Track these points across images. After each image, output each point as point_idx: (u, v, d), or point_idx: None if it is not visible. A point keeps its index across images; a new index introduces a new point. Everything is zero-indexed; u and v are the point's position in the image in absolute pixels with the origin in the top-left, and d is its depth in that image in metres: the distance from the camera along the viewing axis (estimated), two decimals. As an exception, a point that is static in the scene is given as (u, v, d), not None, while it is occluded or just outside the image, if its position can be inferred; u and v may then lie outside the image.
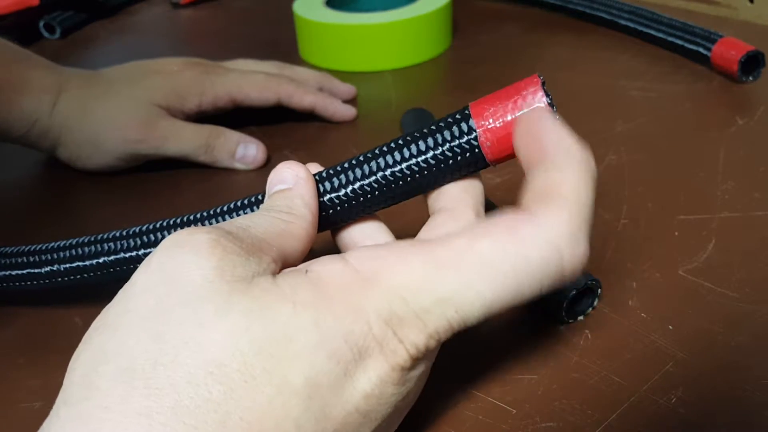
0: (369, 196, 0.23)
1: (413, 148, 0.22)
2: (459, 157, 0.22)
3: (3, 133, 0.40)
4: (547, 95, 0.21)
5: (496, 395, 0.25)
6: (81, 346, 0.18)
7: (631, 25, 0.55)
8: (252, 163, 0.42)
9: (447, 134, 0.22)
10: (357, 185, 0.23)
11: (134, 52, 0.64)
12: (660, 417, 0.24)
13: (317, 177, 0.24)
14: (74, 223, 0.39)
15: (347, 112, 0.47)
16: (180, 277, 0.18)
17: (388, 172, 0.22)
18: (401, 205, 0.24)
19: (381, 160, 0.23)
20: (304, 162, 0.24)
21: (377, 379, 0.18)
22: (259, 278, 0.19)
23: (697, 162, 0.38)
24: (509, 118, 0.21)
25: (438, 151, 0.22)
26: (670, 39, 0.51)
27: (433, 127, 0.22)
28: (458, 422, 0.24)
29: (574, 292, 0.27)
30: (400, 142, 0.22)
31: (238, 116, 0.45)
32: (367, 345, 0.18)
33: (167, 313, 0.17)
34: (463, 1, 0.65)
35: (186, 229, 0.19)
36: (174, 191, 0.41)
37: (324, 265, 0.20)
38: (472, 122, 0.21)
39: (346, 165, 0.23)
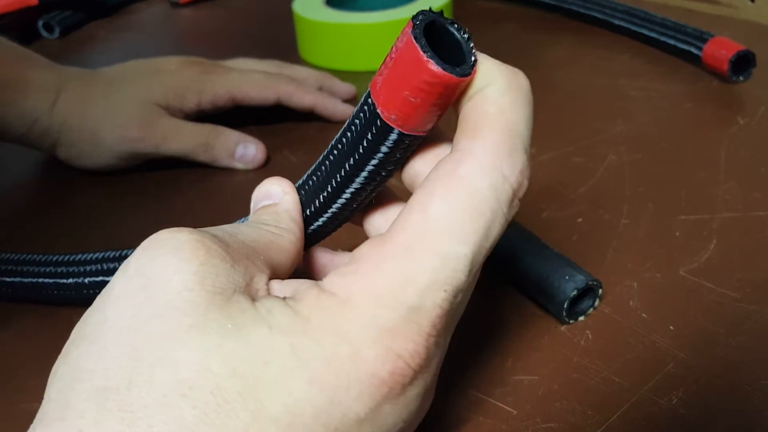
0: (344, 214, 0.22)
1: (351, 160, 0.20)
2: (382, 146, 0.19)
3: (3, 132, 0.40)
4: (423, 30, 0.17)
5: (497, 396, 0.25)
6: (60, 358, 0.18)
7: (625, 24, 0.55)
8: (251, 163, 0.42)
9: (358, 123, 0.19)
10: (329, 213, 0.22)
11: (134, 51, 0.63)
12: (661, 417, 0.24)
13: None
14: (74, 223, 0.39)
15: (347, 111, 0.47)
16: (158, 283, 0.17)
17: (348, 193, 0.21)
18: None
19: (329, 189, 0.21)
20: (304, 161, 0.24)
21: (372, 402, 0.17)
22: (239, 296, 0.18)
23: (698, 162, 0.38)
24: (394, 81, 0.18)
25: (363, 150, 0.19)
26: (663, 39, 0.51)
27: (346, 124, 0.20)
28: (459, 423, 0.24)
29: (574, 292, 0.27)
30: (331, 158, 0.21)
31: (238, 116, 0.45)
32: (357, 368, 0.17)
33: (143, 326, 0.17)
34: (463, 1, 0.65)
35: (168, 229, 0.18)
36: (174, 191, 0.41)
37: (300, 292, 0.19)
38: (370, 98, 0.18)
39: (310, 190, 0.22)
